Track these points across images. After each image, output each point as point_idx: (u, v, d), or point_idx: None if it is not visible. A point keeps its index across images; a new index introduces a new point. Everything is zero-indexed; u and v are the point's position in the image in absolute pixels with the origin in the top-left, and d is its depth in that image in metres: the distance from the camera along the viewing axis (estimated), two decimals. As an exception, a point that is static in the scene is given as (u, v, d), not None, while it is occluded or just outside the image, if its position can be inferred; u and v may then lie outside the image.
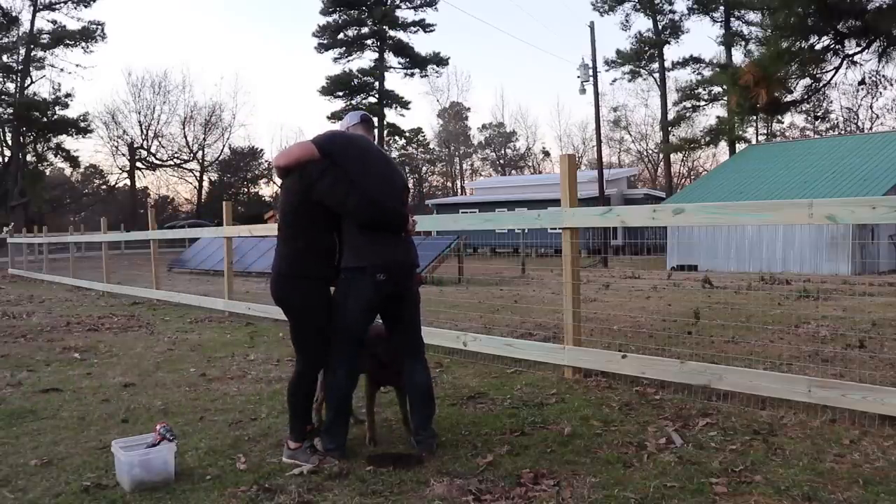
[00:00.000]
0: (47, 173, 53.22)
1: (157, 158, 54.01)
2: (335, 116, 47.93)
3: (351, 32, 47.93)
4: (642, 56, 41.44)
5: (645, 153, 54.92)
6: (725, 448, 3.40)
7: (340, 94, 48.73)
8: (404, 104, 50.16)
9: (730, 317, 7.93)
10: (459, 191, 60.62)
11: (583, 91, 28.05)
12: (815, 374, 4.57)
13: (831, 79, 8.75)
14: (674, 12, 40.26)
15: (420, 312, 3.65)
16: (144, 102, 52.84)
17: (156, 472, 3.09)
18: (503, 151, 63.60)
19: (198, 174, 55.58)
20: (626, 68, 42.57)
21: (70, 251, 18.24)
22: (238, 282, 10.87)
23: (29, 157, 47.74)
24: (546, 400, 4.39)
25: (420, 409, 3.50)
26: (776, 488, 2.89)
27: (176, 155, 54.41)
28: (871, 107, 44.29)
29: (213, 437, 3.80)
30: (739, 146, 34.91)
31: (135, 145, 52.46)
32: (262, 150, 57.64)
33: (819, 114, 34.95)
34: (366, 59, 49.69)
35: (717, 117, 38.61)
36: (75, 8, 45.38)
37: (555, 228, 5.36)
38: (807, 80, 8.75)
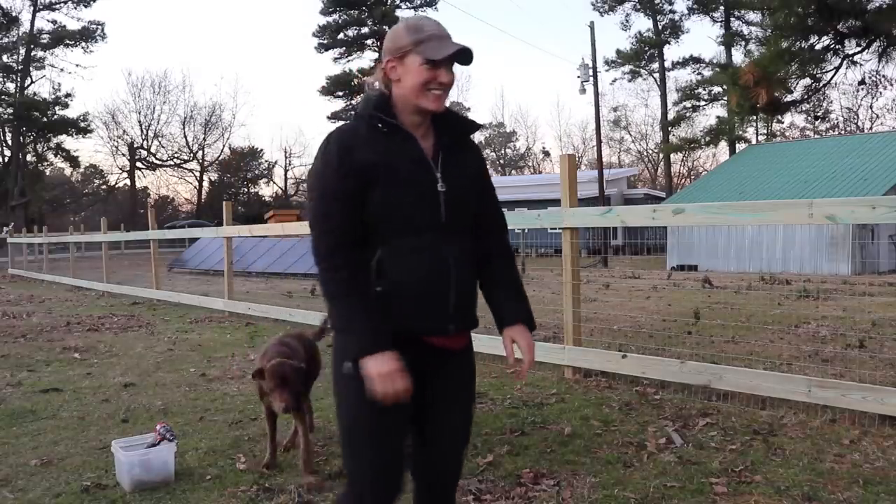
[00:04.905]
0: (47, 173, 53.24)
1: (157, 158, 53.98)
2: (335, 116, 47.92)
3: (351, 32, 47.88)
4: (642, 56, 41.38)
5: (645, 153, 54.89)
6: (725, 448, 3.40)
7: (340, 94, 48.64)
8: (404, 104, 50.13)
9: (730, 317, 7.93)
10: (459, 191, 60.48)
11: (583, 91, 28.04)
12: (815, 374, 4.58)
13: (831, 79, 8.74)
14: (674, 12, 40.22)
15: None
16: (144, 102, 52.89)
17: (156, 472, 3.09)
18: (503, 151, 63.55)
19: (198, 174, 55.58)
20: (626, 68, 42.53)
21: (70, 251, 18.24)
22: (238, 282, 10.89)
23: (29, 157, 47.72)
24: (546, 400, 4.39)
25: None
26: (776, 488, 2.89)
27: (176, 155, 54.40)
28: (871, 107, 44.18)
29: (213, 437, 3.80)
30: (739, 146, 34.84)
31: (135, 145, 52.45)
32: (262, 150, 57.63)
33: (819, 114, 34.86)
34: (366, 59, 49.62)
35: (717, 117, 38.55)
36: (75, 8, 45.36)
37: (555, 228, 5.36)
38: (807, 80, 8.73)
